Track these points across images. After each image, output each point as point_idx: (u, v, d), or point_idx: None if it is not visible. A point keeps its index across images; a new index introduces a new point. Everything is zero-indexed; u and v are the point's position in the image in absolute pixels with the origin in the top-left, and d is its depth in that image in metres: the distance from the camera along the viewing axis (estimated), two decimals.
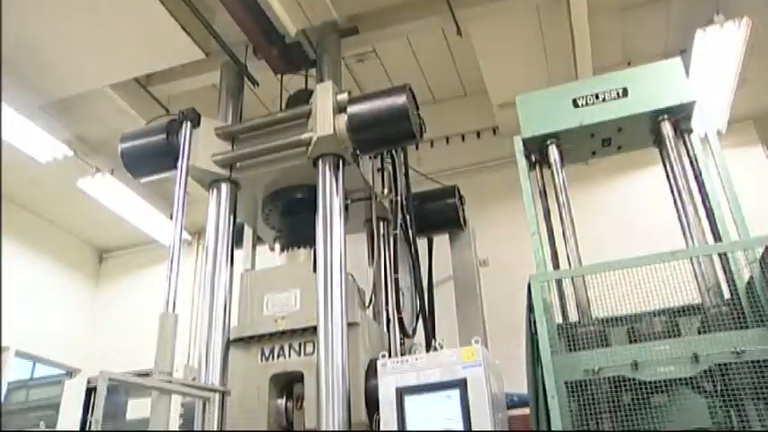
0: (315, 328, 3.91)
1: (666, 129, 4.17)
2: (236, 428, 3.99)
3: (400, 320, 4.42)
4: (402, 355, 4.20)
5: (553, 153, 4.30)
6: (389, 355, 3.79)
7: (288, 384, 4.14)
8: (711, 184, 4.01)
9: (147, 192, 7.26)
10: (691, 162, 4.21)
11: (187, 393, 4.02)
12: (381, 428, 3.47)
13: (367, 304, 4.61)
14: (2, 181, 6.41)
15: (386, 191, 5.03)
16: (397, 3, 5.36)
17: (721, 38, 5.54)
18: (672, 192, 4.20)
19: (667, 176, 4.28)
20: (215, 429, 3.88)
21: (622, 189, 6.83)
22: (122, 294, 8.24)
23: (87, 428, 5.37)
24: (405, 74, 6.48)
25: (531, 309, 3.61)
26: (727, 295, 3.70)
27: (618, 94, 4.22)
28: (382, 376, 3.57)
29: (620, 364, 3.42)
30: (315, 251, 4.27)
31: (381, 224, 4.98)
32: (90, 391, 5.58)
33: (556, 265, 4.28)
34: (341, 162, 4.43)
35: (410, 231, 4.79)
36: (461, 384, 3.38)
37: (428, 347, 4.40)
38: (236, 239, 4.79)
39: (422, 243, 5.27)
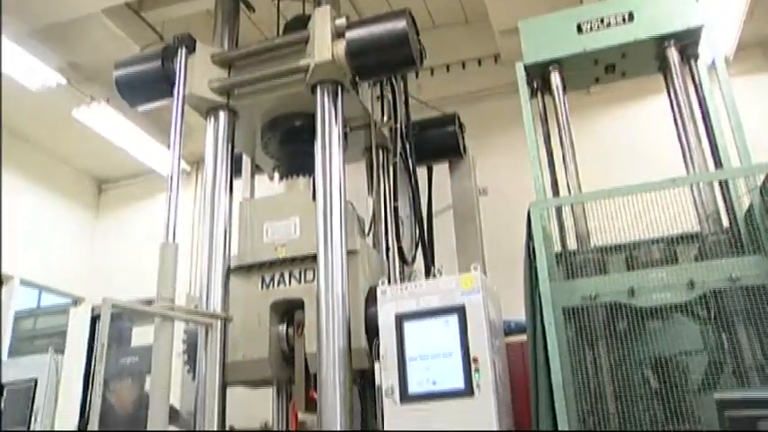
0: (315, 256, 3.94)
1: (672, 54, 4.08)
2: (238, 353, 4.07)
3: (399, 248, 4.45)
4: (401, 282, 4.25)
5: (555, 80, 4.24)
6: (389, 283, 3.83)
7: (288, 311, 4.20)
8: (716, 111, 3.96)
9: (145, 121, 7.17)
10: (696, 89, 4.15)
11: (189, 320, 4.10)
12: (381, 354, 3.54)
13: (366, 232, 4.63)
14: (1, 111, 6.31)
15: (385, 119, 4.97)
16: None
17: None
18: (675, 119, 4.15)
19: (671, 103, 4.23)
20: (216, 355, 3.97)
21: (624, 118, 6.74)
22: (123, 225, 8.26)
23: (93, 354, 5.51)
24: None
25: (530, 236, 3.63)
26: (725, 224, 3.72)
27: (623, 18, 4.11)
28: (382, 303, 3.62)
29: (616, 291, 3.47)
30: (314, 179, 4.25)
31: (381, 153, 4.96)
32: (95, 319, 5.68)
33: (556, 194, 4.28)
34: (340, 89, 4.35)
35: (410, 160, 4.76)
36: (460, 310, 3.43)
37: (427, 275, 4.45)
38: (235, 169, 4.77)
39: (421, 172, 5.23)
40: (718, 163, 3.91)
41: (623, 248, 3.76)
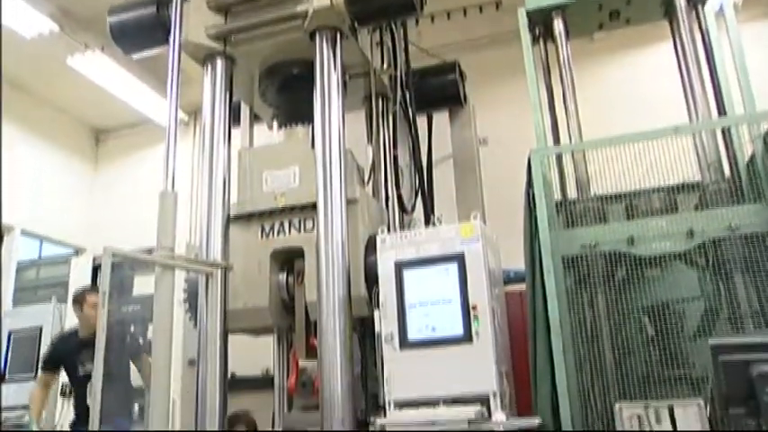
0: (314, 205, 3.93)
1: (679, 0, 3.99)
2: (239, 302, 4.11)
3: (399, 197, 4.44)
4: (401, 231, 4.25)
5: (558, 26, 4.17)
6: (388, 231, 3.83)
7: (288, 260, 4.22)
8: (721, 59, 3.90)
9: (141, 70, 7.07)
10: (702, 36, 4.07)
11: (190, 268, 4.12)
12: (380, 302, 3.56)
13: (366, 181, 4.61)
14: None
15: (385, 66, 4.89)
16: None
17: None
18: (679, 67, 4.09)
19: (676, 51, 4.16)
20: (217, 303, 4.00)
21: (628, 66, 6.65)
22: (122, 175, 8.24)
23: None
24: None
25: (530, 184, 3.62)
26: (727, 173, 3.70)
27: None
28: (381, 251, 3.62)
29: (616, 240, 3.49)
30: (313, 128, 4.21)
31: (380, 101, 4.89)
32: (96, 269, 5.73)
33: (557, 142, 4.26)
34: (338, 36, 4.26)
35: (409, 108, 4.70)
36: (459, 258, 3.44)
37: (427, 224, 4.45)
38: (234, 118, 4.72)
39: (421, 121, 5.18)
40: (722, 112, 3.88)
41: (623, 197, 3.75)
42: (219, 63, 4.51)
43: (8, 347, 6.14)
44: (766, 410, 2.58)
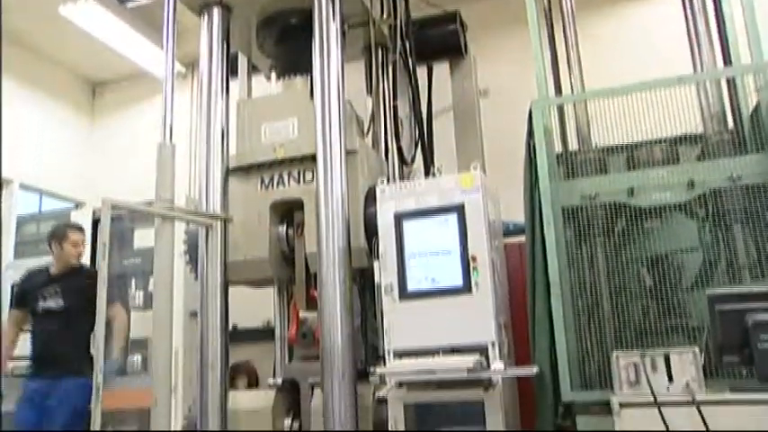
0: (313, 156, 3.90)
1: None
2: (239, 254, 4.12)
3: (399, 148, 4.40)
4: (401, 182, 4.23)
5: None
6: (388, 183, 3.81)
7: (288, 212, 4.21)
8: (729, 6, 3.81)
9: (137, 20, 6.93)
10: None
11: (189, 220, 4.12)
12: (380, 253, 3.57)
13: (365, 132, 4.57)
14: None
15: (384, 16, 4.79)
16: None
17: None
18: (686, 16, 4.02)
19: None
20: (217, 255, 4.01)
21: (631, 17, 6.51)
22: (120, 128, 8.16)
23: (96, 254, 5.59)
24: None
25: (531, 135, 3.59)
26: (730, 124, 3.67)
27: None
28: (381, 202, 3.62)
29: (616, 191, 3.48)
30: (312, 78, 4.15)
31: (380, 51, 4.81)
32: (96, 222, 5.72)
33: (558, 94, 4.20)
34: None
35: (409, 59, 4.62)
36: (459, 209, 3.43)
37: (427, 175, 4.43)
38: (231, 69, 4.64)
39: (421, 72, 5.11)
40: (727, 62, 3.81)
41: (625, 149, 3.73)
42: (216, 12, 4.42)
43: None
44: (760, 358, 2.62)
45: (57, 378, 4.53)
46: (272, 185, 4.17)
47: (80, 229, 4.95)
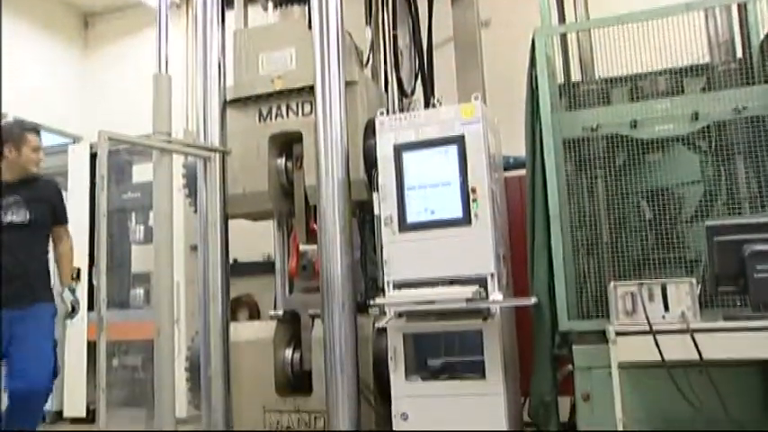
0: (312, 88, 3.84)
1: None
2: (238, 187, 4.11)
3: (398, 79, 4.34)
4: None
5: None
6: (388, 114, 3.76)
7: (287, 144, 4.19)
8: None
9: None
10: None
11: (187, 153, 4.09)
12: (380, 185, 3.55)
13: (365, 63, 4.48)
14: None
15: None
16: None
17: None
18: None
19: None
20: (216, 188, 3.99)
21: None
22: (113, 60, 7.98)
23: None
24: None
25: (533, 64, 3.52)
26: (739, 54, 3.58)
27: None
28: (380, 133, 3.58)
29: (618, 123, 3.43)
30: (309, 7, 4.04)
31: None
32: (94, 156, 5.68)
33: (562, 23, 4.09)
34: None
35: None
36: (459, 141, 3.40)
37: (426, 106, 4.38)
38: None
39: (422, 2, 4.96)
40: None
41: (628, 80, 3.66)
42: None
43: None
44: (755, 287, 2.66)
45: (30, 304, 3.73)
46: (271, 118, 4.13)
47: (37, 132, 4.05)
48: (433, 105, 3.81)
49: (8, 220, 3.76)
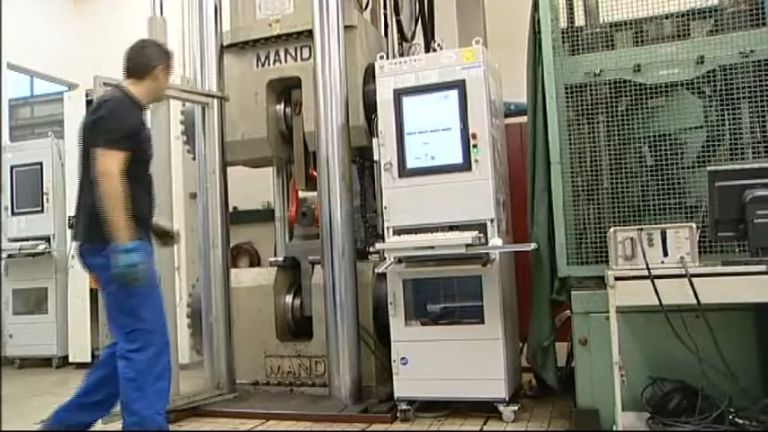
0: (310, 32, 3.76)
1: None
2: (237, 133, 4.07)
3: (398, 23, 4.25)
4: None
5: None
6: (387, 59, 3.70)
7: (286, 90, 4.14)
8: None
9: None
10: None
11: (184, 99, 4.03)
12: (379, 130, 3.52)
13: (364, 7, 4.38)
14: None
15: None
16: None
17: None
18: None
19: None
20: (215, 135, 3.95)
21: None
22: (108, 4, 7.83)
23: None
24: None
25: (536, 7, 3.43)
26: None
27: None
28: (380, 78, 3.52)
29: (622, 67, 3.36)
30: None
31: None
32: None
33: None
34: None
35: None
36: (460, 85, 3.35)
37: (427, 51, 4.30)
38: None
39: None
40: None
41: (633, 24, 3.58)
42: None
43: (12, 182, 6.23)
44: (755, 232, 2.65)
45: None
46: (269, 62, 4.06)
47: None
48: (434, 50, 3.74)
49: (151, 155, 3.05)
